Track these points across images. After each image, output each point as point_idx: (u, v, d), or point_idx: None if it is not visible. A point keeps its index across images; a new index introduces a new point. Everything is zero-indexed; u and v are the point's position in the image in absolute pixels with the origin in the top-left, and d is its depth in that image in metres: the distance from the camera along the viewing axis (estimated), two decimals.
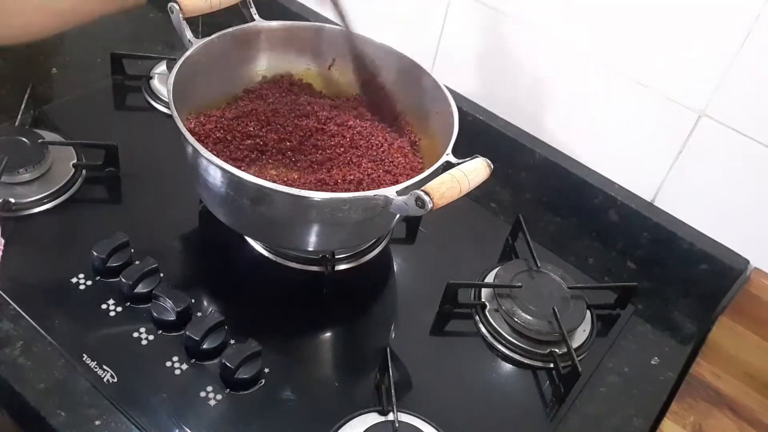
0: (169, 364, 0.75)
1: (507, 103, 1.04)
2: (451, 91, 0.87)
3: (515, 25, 0.98)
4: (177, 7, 0.84)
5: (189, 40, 0.85)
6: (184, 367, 0.75)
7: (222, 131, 0.88)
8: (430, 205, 0.66)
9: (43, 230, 0.87)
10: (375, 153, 0.91)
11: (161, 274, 0.81)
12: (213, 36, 0.87)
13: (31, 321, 0.76)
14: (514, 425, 0.78)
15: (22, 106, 0.97)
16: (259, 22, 0.92)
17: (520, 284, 0.88)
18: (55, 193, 0.89)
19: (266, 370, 0.77)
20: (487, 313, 0.87)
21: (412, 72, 0.92)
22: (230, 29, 0.90)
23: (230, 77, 0.93)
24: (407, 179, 0.77)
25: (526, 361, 0.84)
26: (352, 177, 0.85)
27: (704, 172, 0.91)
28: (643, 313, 0.93)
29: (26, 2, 0.71)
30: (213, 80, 0.90)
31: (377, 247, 0.93)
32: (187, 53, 0.84)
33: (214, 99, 0.91)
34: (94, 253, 0.81)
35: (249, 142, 0.88)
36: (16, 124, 0.95)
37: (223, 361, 0.74)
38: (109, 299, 0.80)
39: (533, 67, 0.99)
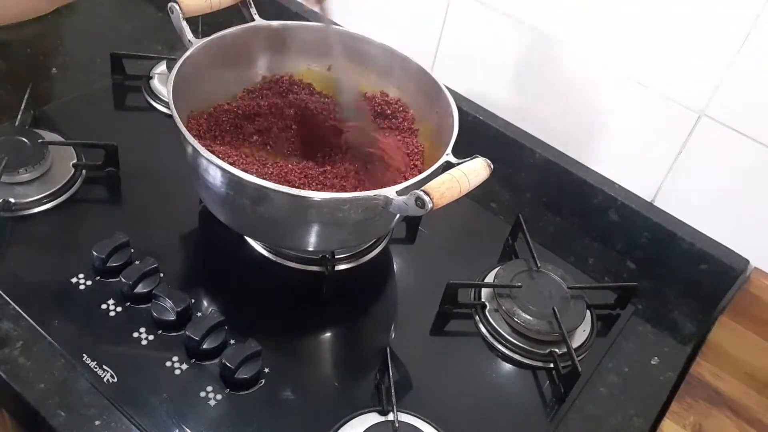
0: (169, 364, 0.75)
1: (507, 103, 1.04)
2: (451, 91, 0.87)
3: (515, 25, 0.98)
4: (177, 7, 0.84)
5: (189, 40, 0.85)
6: (184, 367, 0.75)
7: (222, 131, 0.88)
8: (430, 205, 0.66)
9: (43, 230, 0.86)
10: (374, 152, 0.91)
11: (161, 274, 0.81)
12: (213, 36, 0.87)
13: (31, 321, 0.76)
14: (514, 425, 0.78)
15: (22, 106, 0.97)
16: (259, 22, 0.92)
17: (520, 284, 0.88)
18: (55, 193, 0.89)
19: (266, 370, 0.77)
20: (487, 313, 0.87)
21: (412, 72, 0.92)
22: (230, 29, 0.89)
23: (230, 77, 0.93)
24: (406, 179, 0.77)
25: (526, 361, 0.84)
26: (350, 176, 0.85)
27: (704, 172, 0.91)
28: (643, 313, 0.93)
29: None
30: (213, 80, 0.90)
31: (377, 247, 0.93)
32: (187, 53, 0.84)
33: (214, 99, 0.91)
34: (94, 253, 0.81)
35: (249, 142, 0.88)
36: (16, 124, 0.95)
37: (223, 361, 0.74)
38: (109, 299, 0.80)
39: (533, 67, 0.99)
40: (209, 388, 0.74)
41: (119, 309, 0.79)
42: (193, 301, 0.80)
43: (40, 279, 0.81)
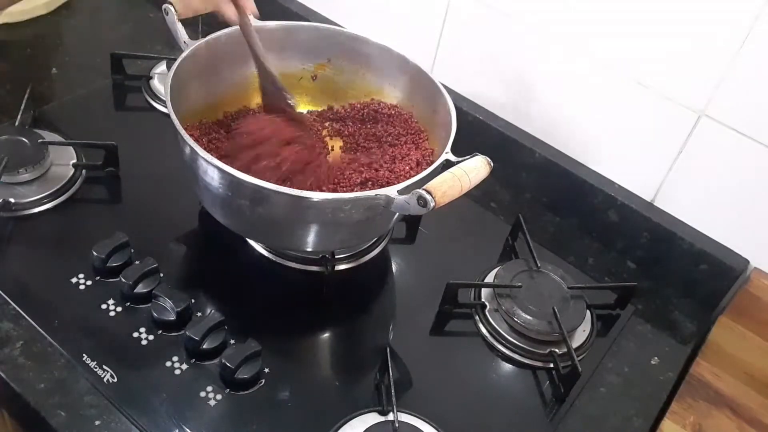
0: (169, 364, 0.75)
1: (507, 103, 1.04)
2: (451, 91, 0.87)
3: (515, 25, 0.98)
4: (171, 8, 0.84)
5: (184, 42, 0.85)
6: (184, 367, 0.75)
7: (220, 134, 0.88)
8: (432, 204, 0.66)
9: (43, 230, 0.86)
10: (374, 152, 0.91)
11: (161, 274, 0.81)
12: (208, 37, 0.87)
13: (31, 321, 0.76)
14: (514, 425, 0.78)
15: (22, 106, 0.97)
16: (253, 22, 0.92)
17: (520, 284, 0.88)
18: (55, 193, 0.89)
19: (266, 370, 0.77)
20: (487, 313, 0.87)
21: (411, 72, 0.92)
22: (224, 30, 0.89)
23: (228, 77, 0.93)
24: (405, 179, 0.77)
25: (526, 361, 0.84)
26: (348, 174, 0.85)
27: (704, 172, 0.91)
28: (643, 313, 0.93)
29: None
30: (211, 80, 0.90)
31: (377, 247, 0.93)
32: (184, 54, 0.84)
33: (213, 99, 0.91)
34: (94, 253, 0.81)
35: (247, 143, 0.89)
36: (16, 124, 0.95)
37: (223, 361, 0.74)
38: (109, 299, 0.80)
39: (533, 67, 0.99)
40: (209, 388, 0.74)
41: (119, 309, 0.79)
42: (193, 301, 0.80)
43: (40, 279, 0.81)
